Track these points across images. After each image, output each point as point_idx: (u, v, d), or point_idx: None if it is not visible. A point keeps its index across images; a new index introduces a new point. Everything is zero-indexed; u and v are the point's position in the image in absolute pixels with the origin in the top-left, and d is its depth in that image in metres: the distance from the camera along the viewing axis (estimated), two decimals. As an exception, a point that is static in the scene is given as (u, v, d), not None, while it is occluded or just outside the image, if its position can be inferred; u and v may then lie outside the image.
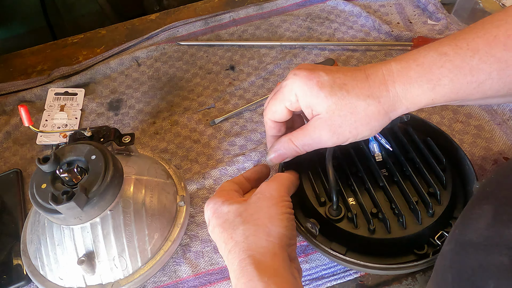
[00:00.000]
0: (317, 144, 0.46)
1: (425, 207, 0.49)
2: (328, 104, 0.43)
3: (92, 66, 0.82)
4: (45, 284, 0.53)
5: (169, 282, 0.55)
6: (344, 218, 0.50)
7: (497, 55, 0.40)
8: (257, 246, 0.41)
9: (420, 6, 0.84)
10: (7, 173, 0.68)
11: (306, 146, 0.47)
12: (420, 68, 0.42)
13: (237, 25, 0.86)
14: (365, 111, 0.43)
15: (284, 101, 0.47)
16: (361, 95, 0.43)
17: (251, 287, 0.38)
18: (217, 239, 0.45)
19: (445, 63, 0.41)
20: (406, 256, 0.48)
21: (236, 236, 0.42)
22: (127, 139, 0.57)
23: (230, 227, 0.43)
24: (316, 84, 0.44)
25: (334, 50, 0.79)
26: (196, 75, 0.79)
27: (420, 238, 0.48)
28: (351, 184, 0.52)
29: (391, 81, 0.43)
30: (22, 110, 0.54)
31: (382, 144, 0.53)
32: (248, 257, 0.40)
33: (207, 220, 0.47)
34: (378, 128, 0.45)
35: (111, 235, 0.50)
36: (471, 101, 0.45)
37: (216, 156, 0.67)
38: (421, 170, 0.51)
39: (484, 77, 0.40)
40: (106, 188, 0.48)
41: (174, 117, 0.73)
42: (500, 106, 0.65)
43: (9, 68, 0.87)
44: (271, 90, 0.74)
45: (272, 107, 0.48)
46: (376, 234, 0.48)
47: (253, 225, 0.42)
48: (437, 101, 0.43)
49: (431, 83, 0.41)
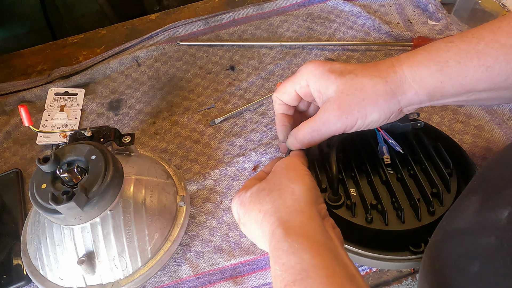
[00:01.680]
0: (326, 128, 0.47)
1: (426, 206, 0.49)
2: (337, 85, 0.45)
3: (92, 66, 0.82)
4: (45, 284, 0.53)
5: (169, 282, 0.55)
6: (342, 206, 0.50)
7: (502, 41, 0.41)
8: (284, 206, 0.41)
9: (420, 6, 0.84)
10: (7, 173, 0.68)
11: (314, 133, 0.48)
12: (427, 53, 0.44)
13: (237, 25, 0.86)
14: (373, 89, 0.44)
15: (295, 84, 0.49)
16: (368, 75, 0.45)
17: (278, 249, 0.38)
18: (250, 226, 0.45)
19: (451, 48, 0.43)
20: (401, 252, 0.48)
21: (264, 207, 0.42)
22: (127, 139, 0.57)
23: (257, 204, 0.44)
24: (327, 70, 0.46)
25: (334, 50, 0.79)
26: (196, 75, 0.79)
27: (417, 235, 0.48)
28: (354, 175, 0.52)
29: (398, 65, 0.44)
30: (22, 110, 0.54)
31: (392, 147, 0.53)
32: (277, 220, 0.40)
33: (236, 215, 0.48)
34: (386, 110, 0.45)
35: (111, 235, 0.50)
36: (483, 95, 0.44)
37: (216, 156, 0.67)
38: (427, 171, 0.52)
39: (492, 61, 0.41)
40: (106, 188, 0.48)
41: (174, 117, 0.73)
42: (500, 106, 0.65)
43: (9, 68, 0.87)
44: (271, 90, 0.74)
45: (282, 88, 0.51)
46: (373, 224, 0.48)
47: (277, 191, 0.43)
48: (446, 85, 0.43)
49: (438, 65, 0.43)
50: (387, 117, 0.46)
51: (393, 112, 0.45)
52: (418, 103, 0.45)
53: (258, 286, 0.53)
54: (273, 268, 0.38)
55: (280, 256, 0.38)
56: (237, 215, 0.47)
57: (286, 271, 0.36)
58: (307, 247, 0.37)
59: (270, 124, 0.69)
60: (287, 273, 0.36)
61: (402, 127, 0.53)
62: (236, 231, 0.58)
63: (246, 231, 0.47)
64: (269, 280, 0.54)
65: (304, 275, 0.36)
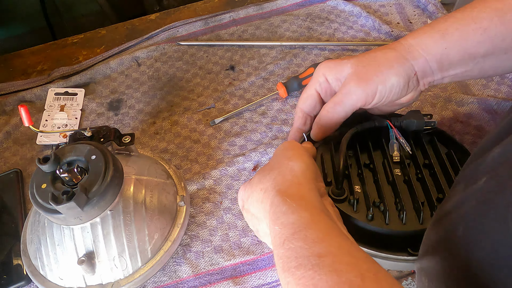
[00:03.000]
0: (348, 99, 0.49)
1: (430, 210, 0.49)
2: (352, 63, 0.50)
3: (92, 66, 0.82)
4: (45, 284, 0.53)
5: (169, 282, 0.55)
6: (345, 201, 0.50)
7: (492, 6, 0.46)
8: (283, 181, 0.42)
9: (420, 6, 0.84)
10: (7, 173, 0.68)
11: (337, 105, 0.50)
12: (428, 26, 0.49)
13: (237, 25, 0.86)
14: (384, 56, 0.49)
15: (314, 84, 0.53)
16: (377, 50, 0.50)
17: (277, 212, 0.39)
18: (253, 208, 0.45)
19: (448, 18, 0.48)
20: (400, 253, 0.48)
21: (265, 185, 0.43)
22: (127, 139, 0.57)
23: (259, 184, 0.44)
24: (341, 60, 0.51)
25: (334, 50, 0.79)
26: (196, 75, 0.79)
27: (417, 238, 0.47)
28: (361, 173, 0.52)
29: (403, 39, 0.50)
30: (22, 110, 0.54)
31: (402, 145, 0.53)
32: (276, 192, 0.41)
33: (241, 202, 0.48)
34: (403, 73, 0.48)
35: (111, 235, 0.50)
36: (486, 62, 0.48)
37: (216, 156, 0.67)
38: (435, 176, 0.51)
39: (487, 23, 0.45)
40: (106, 188, 0.48)
41: (174, 117, 0.73)
42: (500, 106, 0.65)
43: (9, 68, 0.87)
44: (271, 90, 0.74)
45: (303, 95, 0.54)
46: (374, 222, 0.48)
47: (277, 169, 0.44)
48: (451, 51, 0.47)
49: (439, 33, 0.47)
50: (405, 81, 0.48)
51: (410, 76, 0.48)
52: (431, 73, 0.48)
53: (258, 286, 0.53)
54: (272, 229, 0.38)
55: (279, 217, 0.38)
56: (241, 202, 0.48)
57: (285, 227, 0.37)
58: (305, 208, 0.38)
59: (270, 124, 0.69)
60: (286, 228, 0.37)
61: (416, 124, 0.54)
62: (236, 231, 0.58)
63: (249, 217, 0.47)
64: (269, 280, 0.54)
65: (303, 227, 0.36)
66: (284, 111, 0.71)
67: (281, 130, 0.68)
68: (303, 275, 0.33)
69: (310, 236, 0.35)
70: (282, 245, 0.36)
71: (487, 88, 0.69)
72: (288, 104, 0.72)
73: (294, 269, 0.33)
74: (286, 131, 0.68)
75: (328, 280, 0.31)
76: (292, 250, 0.35)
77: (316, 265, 0.33)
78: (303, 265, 0.33)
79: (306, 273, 0.33)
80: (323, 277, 0.32)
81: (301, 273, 0.33)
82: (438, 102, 0.68)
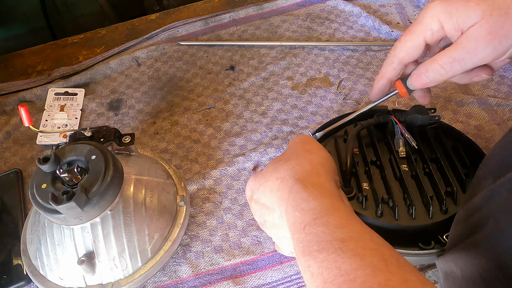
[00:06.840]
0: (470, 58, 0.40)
1: (439, 204, 0.49)
2: (483, 8, 0.38)
3: (92, 66, 0.82)
4: (45, 284, 0.53)
5: (169, 282, 0.55)
6: (353, 198, 0.50)
7: None
8: (302, 170, 0.41)
9: (420, 6, 0.84)
10: (7, 173, 0.68)
11: (456, 63, 0.41)
12: None
13: (237, 25, 0.86)
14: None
15: (424, 31, 0.42)
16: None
17: (298, 199, 0.38)
18: (264, 198, 0.44)
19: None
20: (411, 247, 0.47)
21: (281, 174, 0.42)
22: (127, 139, 0.57)
23: (273, 173, 0.43)
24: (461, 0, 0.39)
25: (334, 50, 0.79)
26: (196, 75, 0.79)
27: (427, 232, 0.47)
28: (368, 170, 0.52)
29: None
30: (22, 110, 0.54)
31: (407, 140, 0.53)
32: (296, 180, 0.40)
33: (249, 193, 0.47)
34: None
35: (111, 235, 0.50)
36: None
37: (216, 156, 0.67)
38: (442, 170, 0.51)
39: None
40: (106, 188, 0.48)
41: (174, 117, 0.73)
42: (500, 106, 0.65)
43: (9, 68, 0.87)
44: (271, 90, 0.74)
45: (405, 43, 0.44)
46: (383, 218, 0.48)
47: (295, 159, 0.43)
48: None
49: None
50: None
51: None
52: None
53: (258, 286, 0.53)
54: (293, 215, 0.38)
55: (300, 203, 0.38)
56: (250, 192, 0.47)
57: (306, 213, 0.37)
58: (326, 196, 0.38)
59: (270, 124, 0.69)
60: (307, 214, 0.36)
61: (421, 119, 0.54)
62: (236, 231, 0.58)
63: (257, 208, 0.46)
64: (269, 280, 0.54)
65: (324, 213, 0.36)
66: (284, 111, 0.71)
67: (281, 130, 0.68)
68: (325, 258, 0.33)
69: (332, 221, 0.35)
70: (303, 230, 0.36)
71: (487, 88, 0.69)
72: (288, 104, 0.72)
73: (316, 252, 0.33)
74: (286, 131, 0.68)
75: (352, 263, 0.31)
76: (314, 234, 0.35)
77: (339, 248, 0.33)
78: (325, 249, 0.33)
79: (329, 256, 0.33)
80: (347, 260, 0.32)
81: (324, 256, 0.33)
82: (438, 102, 0.68)
